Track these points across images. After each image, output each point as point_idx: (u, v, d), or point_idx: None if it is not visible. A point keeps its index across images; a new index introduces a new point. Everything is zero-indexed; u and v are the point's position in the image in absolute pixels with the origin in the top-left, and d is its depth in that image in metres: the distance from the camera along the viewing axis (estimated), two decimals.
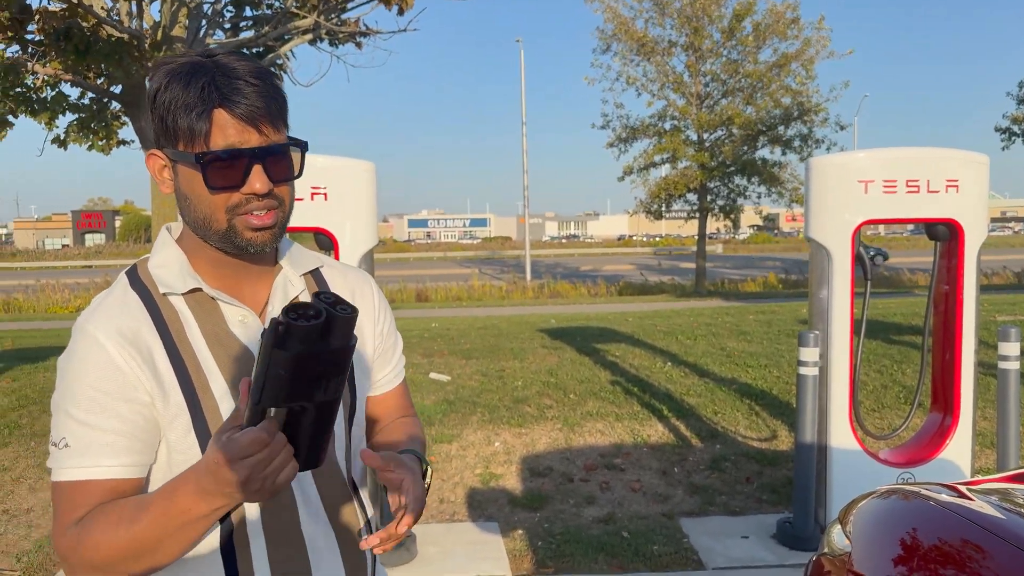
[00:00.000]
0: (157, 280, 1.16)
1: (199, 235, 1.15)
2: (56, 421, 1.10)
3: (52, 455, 1.10)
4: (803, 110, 20.28)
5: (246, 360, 1.16)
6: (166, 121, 1.10)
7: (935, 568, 1.74)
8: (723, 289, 23.31)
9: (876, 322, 10.18)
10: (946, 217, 3.93)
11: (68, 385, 1.09)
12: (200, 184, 1.09)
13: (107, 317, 1.12)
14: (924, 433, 4.23)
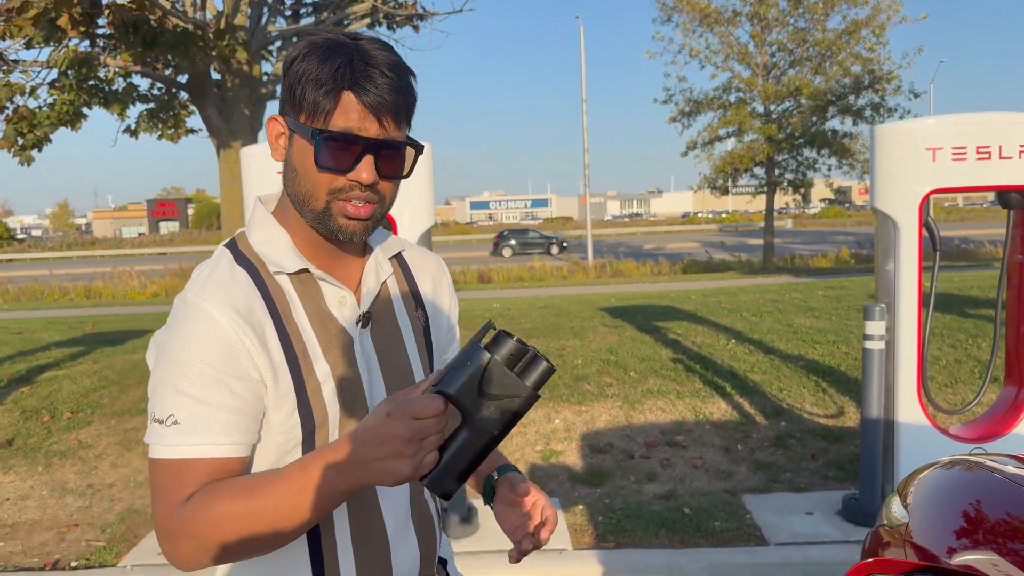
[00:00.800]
0: (264, 258, 1.15)
1: (297, 209, 1.15)
2: (161, 397, 1.06)
3: (155, 431, 1.06)
4: (874, 78, 19.55)
5: (345, 341, 1.16)
6: (295, 90, 1.10)
7: (1001, 542, 1.69)
8: (792, 265, 22.79)
9: (952, 296, 9.82)
10: (1019, 184, 3.76)
11: (177, 360, 1.06)
12: (310, 159, 1.09)
13: (220, 291, 1.09)
14: (997, 408, 4.08)
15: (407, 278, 1.31)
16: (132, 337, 9.46)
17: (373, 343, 1.19)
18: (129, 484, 4.86)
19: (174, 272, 23.25)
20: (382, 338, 1.21)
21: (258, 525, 1.01)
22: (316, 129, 1.07)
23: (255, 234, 1.18)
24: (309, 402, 1.11)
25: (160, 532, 1.05)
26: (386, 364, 1.20)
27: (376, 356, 1.19)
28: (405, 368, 1.23)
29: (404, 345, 1.24)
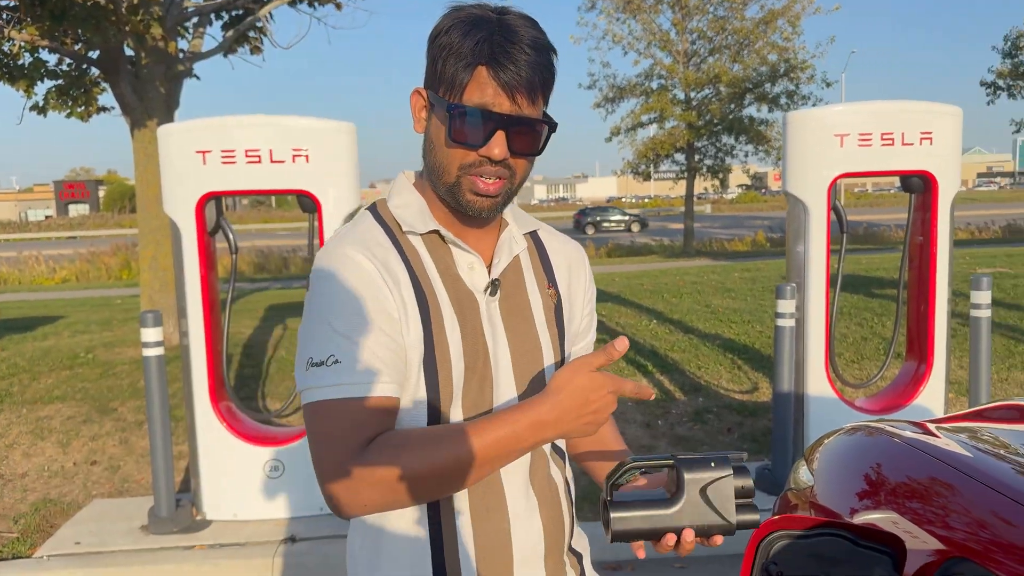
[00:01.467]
0: (399, 219, 1.18)
1: (431, 181, 1.17)
2: (317, 338, 1.08)
3: (315, 374, 1.06)
4: (789, 67, 20.20)
5: (472, 306, 1.17)
6: (436, 64, 1.11)
7: (900, 501, 1.81)
8: (711, 249, 23.41)
9: (859, 277, 10.30)
10: (920, 169, 3.99)
11: (328, 303, 1.08)
12: (444, 133, 1.11)
13: (360, 242, 1.13)
14: (899, 381, 4.34)
15: (541, 256, 1.31)
16: (42, 324, 9.07)
17: (500, 312, 1.20)
18: (43, 474, 4.70)
19: (84, 257, 22.29)
20: (509, 308, 1.21)
21: (446, 473, 1.04)
22: (451, 104, 1.08)
23: (394, 199, 1.21)
24: (436, 359, 1.12)
25: (335, 477, 1.03)
26: (513, 334, 1.20)
27: (503, 325, 1.19)
28: (533, 341, 1.22)
29: (533, 318, 1.23)
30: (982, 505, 1.49)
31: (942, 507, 1.64)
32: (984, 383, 4.12)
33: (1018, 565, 1.31)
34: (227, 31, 8.58)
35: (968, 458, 1.70)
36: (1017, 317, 7.36)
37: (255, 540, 3.74)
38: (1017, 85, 23.40)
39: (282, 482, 3.90)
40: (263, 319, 8.87)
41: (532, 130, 1.11)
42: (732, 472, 1.04)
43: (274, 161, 3.70)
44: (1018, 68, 23.12)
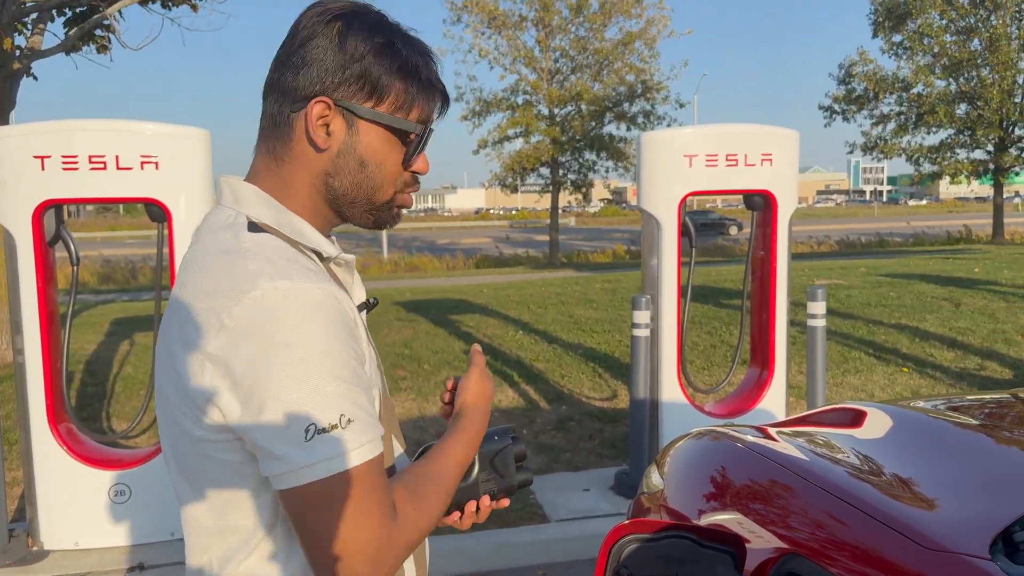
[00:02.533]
0: (305, 242, 1.02)
1: (347, 198, 1.06)
2: (320, 401, 0.88)
3: (331, 441, 0.88)
4: (646, 87, 21.14)
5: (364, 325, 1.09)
6: (370, 68, 1.01)
7: (744, 503, 1.93)
8: (574, 261, 24.04)
9: (709, 288, 10.88)
10: (761, 188, 4.28)
11: (318, 353, 0.89)
12: (391, 153, 1.05)
13: (316, 275, 0.96)
14: (744, 386, 4.63)
15: None
16: None
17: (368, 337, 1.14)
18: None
19: None
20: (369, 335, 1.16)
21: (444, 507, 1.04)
22: (425, 126, 1.06)
23: (275, 221, 1.02)
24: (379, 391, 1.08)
25: (375, 553, 0.90)
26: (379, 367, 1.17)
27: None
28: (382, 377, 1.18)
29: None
30: (815, 505, 1.61)
31: (780, 508, 1.76)
32: (820, 387, 4.45)
33: (845, 559, 1.44)
34: (70, 28, 8.04)
35: (804, 461, 1.84)
36: (850, 326, 8.00)
37: (99, 569, 3.50)
38: (850, 109, 25.49)
39: (128, 507, 3.68)
40: (108, 334, 8.34)
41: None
42: (511, 441, 1.17)
43: (121, 168, 3.51)
44: (851, 94, 25.20)
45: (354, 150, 1.03)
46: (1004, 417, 2.16)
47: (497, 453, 1.16)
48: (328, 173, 1.04)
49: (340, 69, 1.00)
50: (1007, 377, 6.26)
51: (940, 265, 13.81)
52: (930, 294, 9.72)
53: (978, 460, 1.77)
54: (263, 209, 1.02)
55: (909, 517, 1.42)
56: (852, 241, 27.38)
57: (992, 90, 22.47)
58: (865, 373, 6.37)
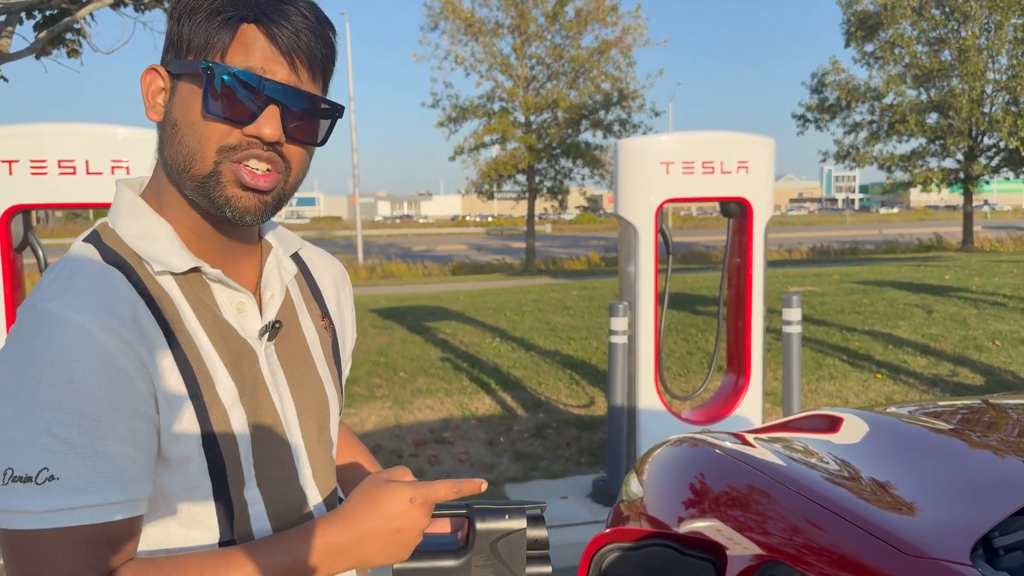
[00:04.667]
0: (143, 254, 0.88)
1: (175, 180, 0.89)
2: (22, 445, 0.77)
3: (18, 493, 0.76)
4: (622, 95, 21.25)
5: (249, 357, 0.93)
6: (180, 25, 0.86)
7: (722, 510, 1.92)
8: (551, 267, 24.08)
9: (685, 295, 10.93)
10: (737, 196, 4.30)
11: (41, 392, 0.77)
12: (197, 107, 0.85)
13: (94, 300, 0.82)
14: (720, 393, 4.64)
15: (308, 280, 1.08)
16: None
17: (279, 358, 0.97)
18: None
19: None
20: (288, 352, 0.98)
21: None
22: (209, 62, 0.84)
23: (126, 225, 0.90)
24: (216, 439, 0.87)
25: None
26: (295, 384, 0.98)
27: (283, 374, 0.97)
28: (317, 388, 1.01)
29: (312, 360, 1.02)
30: (794, 511, 1.61)
31: (760, 514, 1.76)
32: (796, 394, 4.48)
33: (826, 566, 1.43)
34: (40, 32, 7.92)
35: (782, 467, 1.84)
36: (825, 332, 8.07)
37: None
38: (823, 118, 25.82)
39: None
40: None
41: (314, 113, 0.89)
42: (526, 523, 0.98)
43: (91, 173, 3.44)
44: (824, 103, 25.53)
45: (171, 114, 0.88)
46: (978, 423, 2.18)
47: (504, 536, 0.95)
48: (162, 150, 0.90)
49: (168, 28, 0.90)
50: (979, 383, 6.35)
51: (912, 272, 14.00)
52: (902, 301, 9.85)
53: (955, 465, 1.77)
54: (124, 214, 0.92)
55: (890, 523, 1.42)
56: (825, 248, 27.70)
57: (962, 100, 22.88)
58: (839, 379, 6.42)
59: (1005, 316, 8.64)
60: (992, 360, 6.94)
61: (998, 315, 8.71)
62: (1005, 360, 6.94)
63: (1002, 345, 7.42)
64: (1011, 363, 6.85)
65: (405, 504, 0.87)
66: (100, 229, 0.93)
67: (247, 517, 0.91)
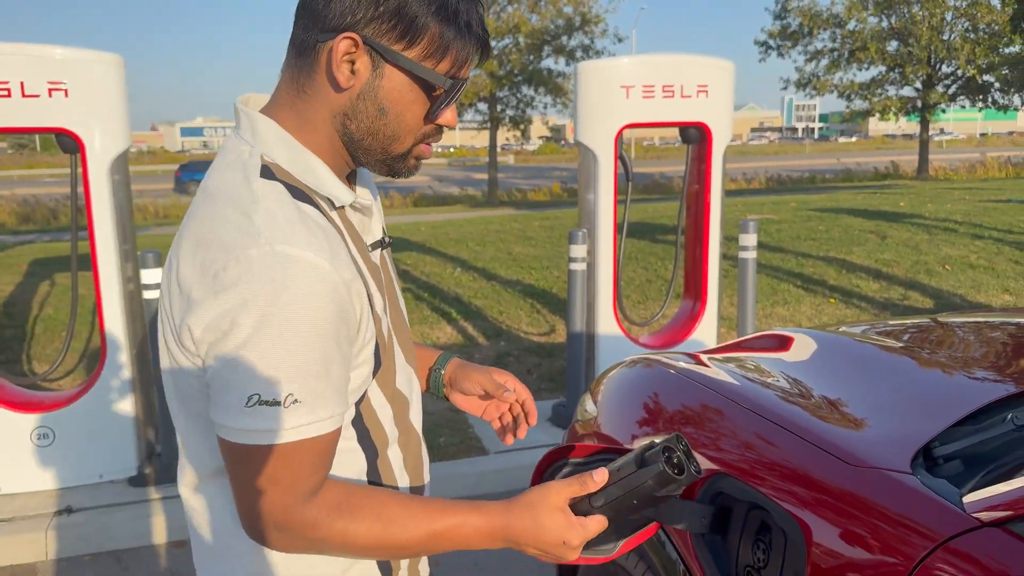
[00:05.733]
0: (318, 189, 0.98)
1: (363, 144, 1.00)
2: (274, 373, 0.87)
3: (264, 413, 0.88)
4: (584, 20, 20.85)
5: (377, 272, 1.07)
6: (407, 12, 0.92)
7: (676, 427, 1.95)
8: (514, 199, 23.95)
9: (646, 224, 10.97)
10: (697, 120, 4.27)
11: (294, 329, 0.87)
12: (415, 103, 0.97)
13: (311, 236, 0.90)
14: (677, 318, 4.69)
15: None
16: None
17: (382, 273, 1.10)
18: None
19: None
20: (386, 270, 1.12)
21: (382, 550, 0.97)
22: (457, 79, 0.97)
23: (289, 162, 0.98)
24: (379, 343, 1.02)
25: (272, 521, 0.93)
26: (391, 298, 1.12)
27: (385, 287, 1.10)
28: (397, 290, 1.17)
29: (395, 281, 1.17)
30: (744, 427, 1.63)
31: (709, 429, 1.79)
32: (750, 318, 4.55)
33: (771, 477, 1.46)
34: None
35: (732, 385, 1.87)
36: (780, 259, 8.18)
37: (24, 514, 3.41)
38: (785, 45, 25.70)
39: (53, 450, 3.57)
40: (27, 275, 7.99)
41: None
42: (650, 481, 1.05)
43: (27, 95, 3.29)
44: (786, 29, 25.36)
45: (375, 95, 0.96)
46: (926, 341, 2.22)
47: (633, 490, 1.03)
48: (346, 114, 0.98)
49: (374, 3, 0.92)
50: (929, 306, 6.52)
51: (867, 200, 14.20)
52: (857, 227, 10.00)
53: (901, 381, 1.81)
54: (279, 150, 0.98)
55: (834, 436, 1.45)
56: (784, 178, 27.93)
57: (921, 27, 22.88)
58: (793, 304, 6.54)
59: (955, 241, 8.84)
60: (942, 284, 7.12)
61: (949, 240, 8.90)
62: (954, 284, 7.12)
63: (951, 269, 7.61)
64: (960, 287, 7.04)
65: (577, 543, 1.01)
66: (270, 166, 0.97)
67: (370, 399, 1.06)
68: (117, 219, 3.51)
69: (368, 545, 0.97)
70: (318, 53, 0.95)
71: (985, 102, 25.85)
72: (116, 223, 3.51)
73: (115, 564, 3.24)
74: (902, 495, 1.26)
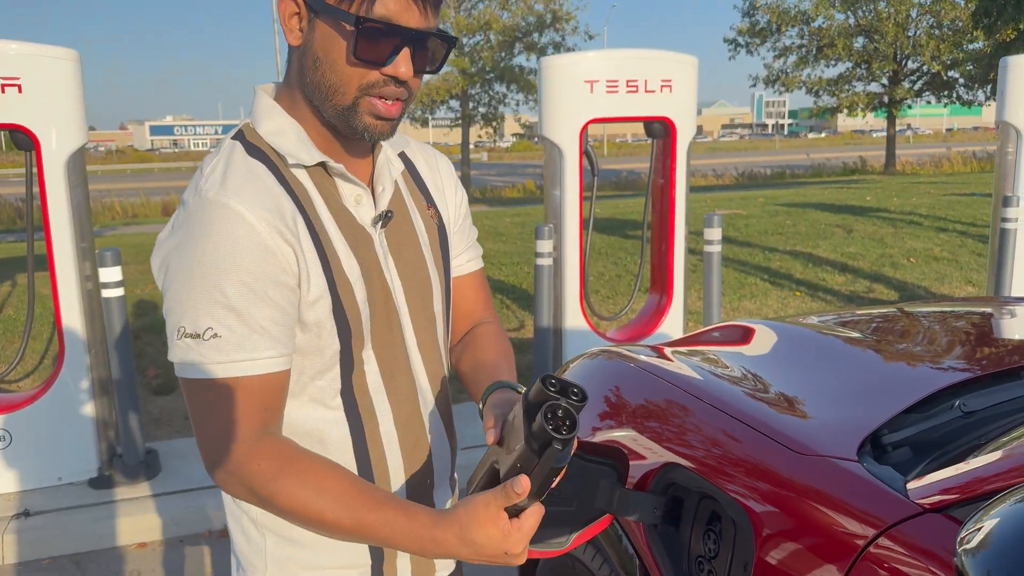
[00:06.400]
0: (279, 149, 1.04)
1: (315, 101, 1.03)
2: (192, 308, 0.95)
3: (188, 347, 0.96)
4: (555, 17, 20.87)
5: (364, 241, 1.09)
6: None
7: (638, 420, 1.96)
8: (487, 195, 23.92)
9: (616, 220, 11.02)
10: (661, 115, 4.28)
11: (208, 267, 0.95)
12: (342, 49, 0.98)
13: (245, 189, 0.98)
14: (644, 313, 4.72)
15: (413, 175, 1.23)
16: None
17: (388, 243, 1.12)
18: None
19: None
20: (397, 238, 1.14)
21: (308, 521, 0.99)
22: (360, 17, 0.95)
23: (263, 124, 1.06)
24: (343, 305, 1.05)
25: (216, 461, 0.99)
26: (404, 265, 1.14)
27: (392, 257, 1.13)
28: (421, 268, 1.17)
29: (419, 244, 1.17)
30: (696, 417, 1.64)
31: (662, 420, 1.80)
32: (716, 311, 4.58)
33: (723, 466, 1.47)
34: None
35: (689, 377, 1.88)
36: (747, 253, 8.25)
37: None
38: (754, 42, 25.90)
39: (10, 453, 3.50)
40: None
41: (436, 46, 1.03)
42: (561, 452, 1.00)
43: None
44: (755, 26, 25.56)
45: (312, 47, 1.01)
46: (886, 330, 2.25)
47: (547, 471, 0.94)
48: (301, 74, 1.04)
49: None
50: (893, 298, 6.61)
51: (835, 194, 14.37)
52: (824, 222, 10.12)
53: (854, 370, 1.83)
54: (263, 116, 1.07)
55: (783, 425, 1.46)
56: (754, 174, 28.18)
57: (887, 24, 23.17)
58: (760, 298, 6.60)
59: (920, 234, 8.97)
60: (906, 276, 7.23)
61: (914, 233, 9.03)
62: (918, 276, 7.23)
63: (916, 262, 7.72)
64: (923, 279, 7.15)
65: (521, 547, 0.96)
66: (244, 129, 1.08)
67: (364, 375, 1.10)
68: (74, 217, 3.45)
69: (295, 511, 0.98)
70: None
71: (950, 98, 26.27)
72: (73, 221, 3.45)
73: (74, 568, 3.19)
74: (847, 482, 1.27)
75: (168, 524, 3.41)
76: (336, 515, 0.97)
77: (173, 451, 3.97)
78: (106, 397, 3.65)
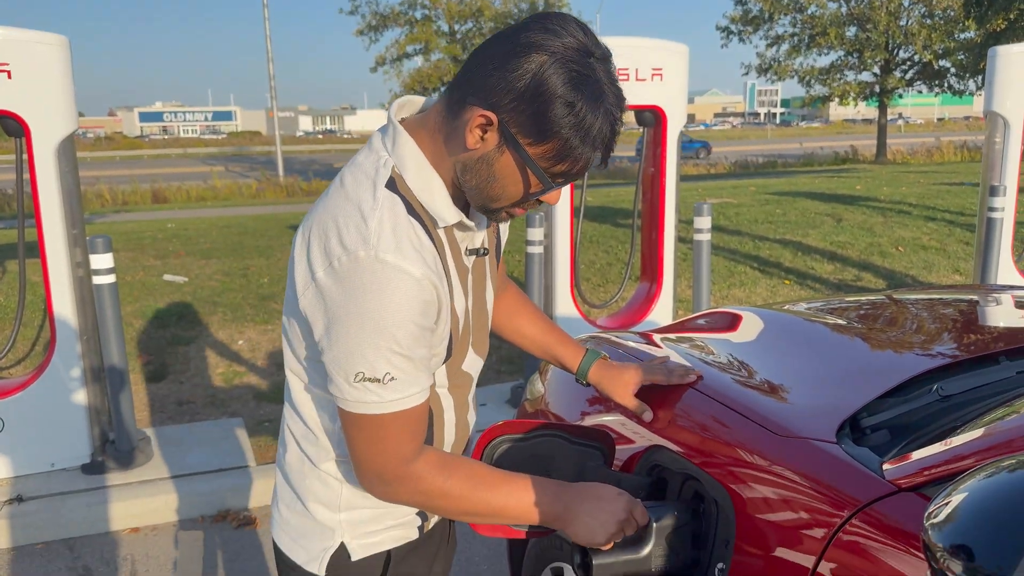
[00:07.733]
0: (430, 210, 1.15)
1: (465, 186, 1.15)
2: (371, 354, 1.09)
3: (370, 390, 1.11)
4: (548, 3, 20.79)
5: (464, 271, 1.24)
6: (544, 113, 1.04)
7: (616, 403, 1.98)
8: None
9: (608, 208, 11.04)
10: (652, 104, 4.30)
11: (385, 322, 1.08)
12: (519, 182, 1.12)
13: (412, 251, 1.10)
14: (634, 301, 4.75)
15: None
16: None
17: (473, 272, 1.27)
18: None
19: None
20: (479, 268, 1.29)
21: (475, 508, 1.21)
22: (554, 174, 1.10)
23: (411, 176, 1.15)
24: (451, 336, 1.21)
25: (380, 476, 1.16)
26: (477, 293, 1.29)
27: (472, 285, 1.28)
28: (486, 303, 1.33)
29: (486, 272, 1.33)
30: (681, 401, 1.67)
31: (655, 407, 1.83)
32: (705, 299, 4.62)
33: (707, 448, 1.50)
34: None
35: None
36: (737, 242, 8.29)
37: None
38: (747, 30, 25.87)
39: (3, 439, 3.51)
40: None
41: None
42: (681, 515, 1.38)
43: None
44: (747, 15, 25.53)
45: (492, 163, 1.11)
46: (870, 317, 2.29)
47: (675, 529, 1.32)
48: (465, 165, 1.13)
49: (521, 99, 1.05)
50: (881, 286, 6.66)
51: (825, 183, 14.42)
52: (814, 210, 10.16)
53: (838, 355, 1.87)
54: (410, 164, 1.15)
55: (764, 408, 1.50)
56: (746, 162, 28.21)
57: (879, 13, 23.18)
58: (749, 286, 6.64)
59: (909, 224, 9.03)
60: (894, 265, 7.28)
61: (903, 223, 9.09)
62: (906, 265, 7.29)
63: (904, 251, 7.78)
64: (912, 267, 7.20)
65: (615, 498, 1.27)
66: (394, 176, 1.14)
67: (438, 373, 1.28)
68: (65, 203, 3.45)
69: (460, 496, 1.19)
70: (463, 108, 1.09)
71: (942, 87, 26.33)
72: (64, 207, 3.45)
73: (67, 552, 3.21)
74: (825, 463, 1.31)
75: (161, 509, 3.44)
76: (494, 495, 1.21)
77: (165, 437, 4.00)
78: (98, 383, 3.67)
